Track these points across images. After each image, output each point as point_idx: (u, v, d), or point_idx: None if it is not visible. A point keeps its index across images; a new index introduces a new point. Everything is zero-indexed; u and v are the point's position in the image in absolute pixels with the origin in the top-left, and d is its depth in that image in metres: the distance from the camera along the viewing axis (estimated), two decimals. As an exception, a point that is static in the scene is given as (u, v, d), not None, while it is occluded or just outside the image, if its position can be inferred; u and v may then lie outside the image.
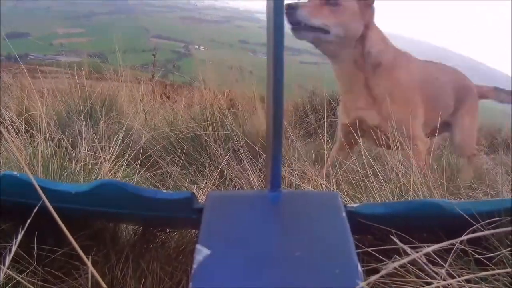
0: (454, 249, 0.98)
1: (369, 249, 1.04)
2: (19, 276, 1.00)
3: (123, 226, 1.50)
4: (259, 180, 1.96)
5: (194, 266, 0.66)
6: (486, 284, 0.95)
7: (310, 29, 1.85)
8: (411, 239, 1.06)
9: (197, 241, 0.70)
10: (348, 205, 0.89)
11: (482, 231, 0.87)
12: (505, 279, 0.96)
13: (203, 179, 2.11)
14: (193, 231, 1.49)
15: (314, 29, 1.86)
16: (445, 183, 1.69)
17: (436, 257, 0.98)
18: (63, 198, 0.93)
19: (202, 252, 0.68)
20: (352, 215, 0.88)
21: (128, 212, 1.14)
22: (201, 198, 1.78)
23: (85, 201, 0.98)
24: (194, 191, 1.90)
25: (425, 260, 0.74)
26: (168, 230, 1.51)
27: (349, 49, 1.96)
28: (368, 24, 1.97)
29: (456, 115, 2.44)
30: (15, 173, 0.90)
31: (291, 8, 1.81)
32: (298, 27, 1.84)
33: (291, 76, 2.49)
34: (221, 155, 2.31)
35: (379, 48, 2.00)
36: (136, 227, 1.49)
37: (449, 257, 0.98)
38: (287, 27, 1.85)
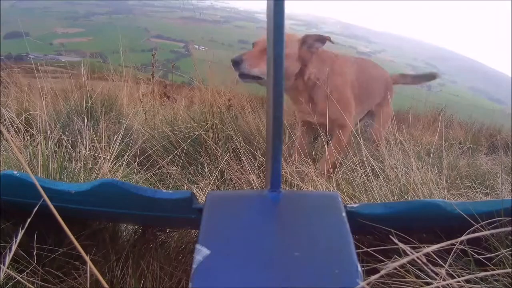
0: (454, 249, 0.98)
1: (369, 249, 1.04)
2: (19, 276, 1.00)
3: (123, 226, 1.50)
4: (258, 180, 1.96)
5: (194, 266, 0.66)
6: (485, 285, 0.95)
7: (252, 77, 2.20)
8: (411, 239, 1.06)
9: (197, 241, 0.70)
10: (348, 205, 0.89)
11: (482, 231, 0.87)
12: (505, 279, 0.96)
13: (203, 179, 2.11)
14: (193, 231, 1.49)
15: (255, 77, 2.20)
16: (445, 183, 1.69)
17: (436, 257, 0.98)
18: (63, 197, 0.93)
19: (202, 252, 0.68)
20: (352, 215, 0.88)
21: (128, 212, 1.13)
22: (201, 198, 1.77)
23: (85, 201, 0.98)
24: (194, 191, 1.90)
25: (425, 260, 0.74)
26: (168, 230, 1.50)
27: (290, 82, 2.37)
28: (307, 63, 2.35)
29: (379, 105, 2.91)
30: (15, 172, 0.90)
31: (236, 62, 2.16)
32: (243, 76, 2.20)
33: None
34: (221, 154, 2.31)
35: (315, 73, 2.41)
36: (136, 227, 1.49)
37: (449, 258, 0.98)
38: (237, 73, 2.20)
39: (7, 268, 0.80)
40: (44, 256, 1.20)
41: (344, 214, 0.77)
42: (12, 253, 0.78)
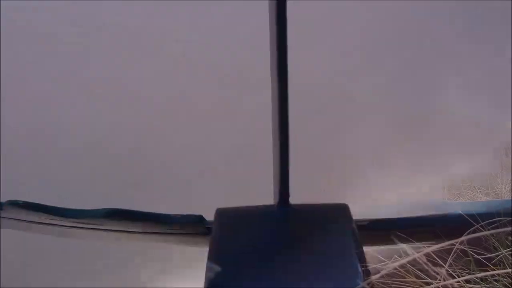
0: (454, 249, 0.98)
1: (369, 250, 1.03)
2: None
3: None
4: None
5: (206, 284, 0.65)
6: (485, 285, 0.95)
7: None
8: (411, 240, 1.06)
9: (207, 258, 0.68)
10: (358, 219, 0.85)
11: (482, 231, 0.87)
12: (505, 279, 0.96)
13: None
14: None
15: None
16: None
17: (436, 257, 0.97)
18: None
19: (213, 270, 0.66)
20: (362, 228, 0.85)
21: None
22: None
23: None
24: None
25: (425, 260, 0.74)
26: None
27: None
28: None
29: None
30: None
31: None
32: None
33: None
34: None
35: None
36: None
37: (449, 258, 0.98)
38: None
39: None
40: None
41: (353, 225, 0.75)
42: None
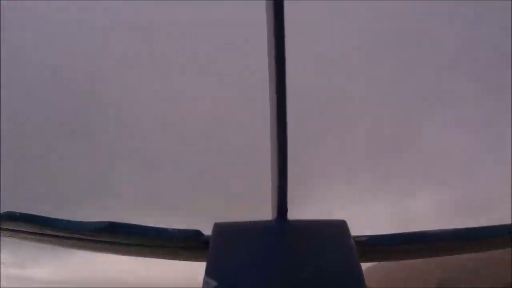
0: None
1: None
2: None
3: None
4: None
5: None
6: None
7: None
8: (410, 256, 1.06)
9: (205, 273, 0.69)
10: (355, 236, 0.85)
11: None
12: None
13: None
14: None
15: None
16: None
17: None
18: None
19: (210, 284, 0.67)
20: (360, 244, 0.85)
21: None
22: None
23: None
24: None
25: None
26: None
27: None
28: None
29: None
30: None
31: None
32: None
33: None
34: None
35: None
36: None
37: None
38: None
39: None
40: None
41: (352, 241, 0.75)
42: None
